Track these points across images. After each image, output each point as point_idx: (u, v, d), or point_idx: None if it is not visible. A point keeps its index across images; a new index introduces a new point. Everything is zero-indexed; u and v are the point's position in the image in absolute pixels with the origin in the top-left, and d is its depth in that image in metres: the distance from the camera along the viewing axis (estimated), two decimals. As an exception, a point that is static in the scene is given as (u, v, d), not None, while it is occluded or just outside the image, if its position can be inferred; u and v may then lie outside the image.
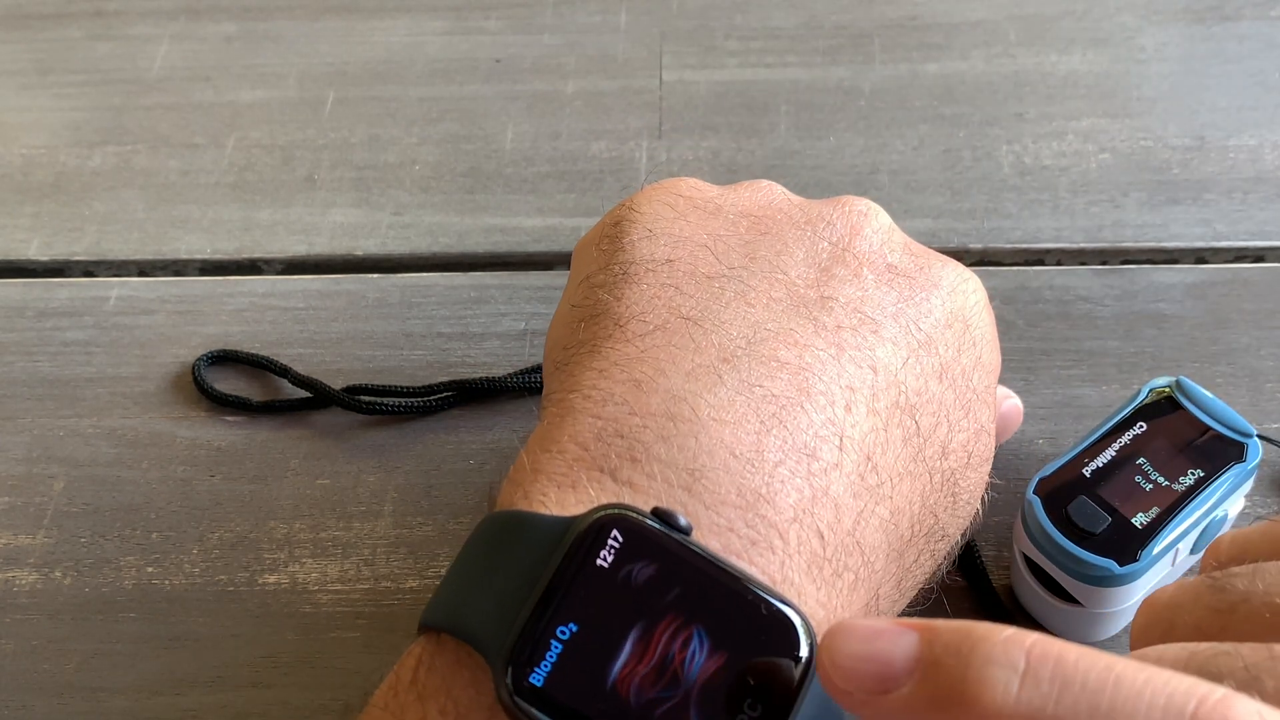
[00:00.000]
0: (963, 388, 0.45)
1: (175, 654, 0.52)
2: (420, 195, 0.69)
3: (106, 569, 0.55)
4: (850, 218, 0.47)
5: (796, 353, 0.41)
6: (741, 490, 0.38)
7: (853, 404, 0.41)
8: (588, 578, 0.35)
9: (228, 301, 0.64)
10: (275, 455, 0.58)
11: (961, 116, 0.72)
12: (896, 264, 0.46)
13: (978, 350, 0.46)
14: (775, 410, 0.40)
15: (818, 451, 0.40)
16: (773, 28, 0.78)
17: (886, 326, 0.43)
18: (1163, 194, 0.67)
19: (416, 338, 0.63)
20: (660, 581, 0.35)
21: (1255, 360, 0.60)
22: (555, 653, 0.34)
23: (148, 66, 0.77)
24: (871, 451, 0.41)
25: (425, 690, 0.36)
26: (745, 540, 0.37)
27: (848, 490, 0.40)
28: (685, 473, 0.38)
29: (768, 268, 0.44)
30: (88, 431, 0.60)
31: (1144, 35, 0.76)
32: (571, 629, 0.34)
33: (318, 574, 0.54)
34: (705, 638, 0.34)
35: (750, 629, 0.34)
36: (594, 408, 0.40)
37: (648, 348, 0.42)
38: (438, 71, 0.76)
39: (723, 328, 0.42)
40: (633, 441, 0.39)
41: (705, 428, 0.39)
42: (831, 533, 0.39)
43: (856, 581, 0.39)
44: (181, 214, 0.69)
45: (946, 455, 0.43)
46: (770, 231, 0.46)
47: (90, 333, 0.63)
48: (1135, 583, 0.47)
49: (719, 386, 0.40)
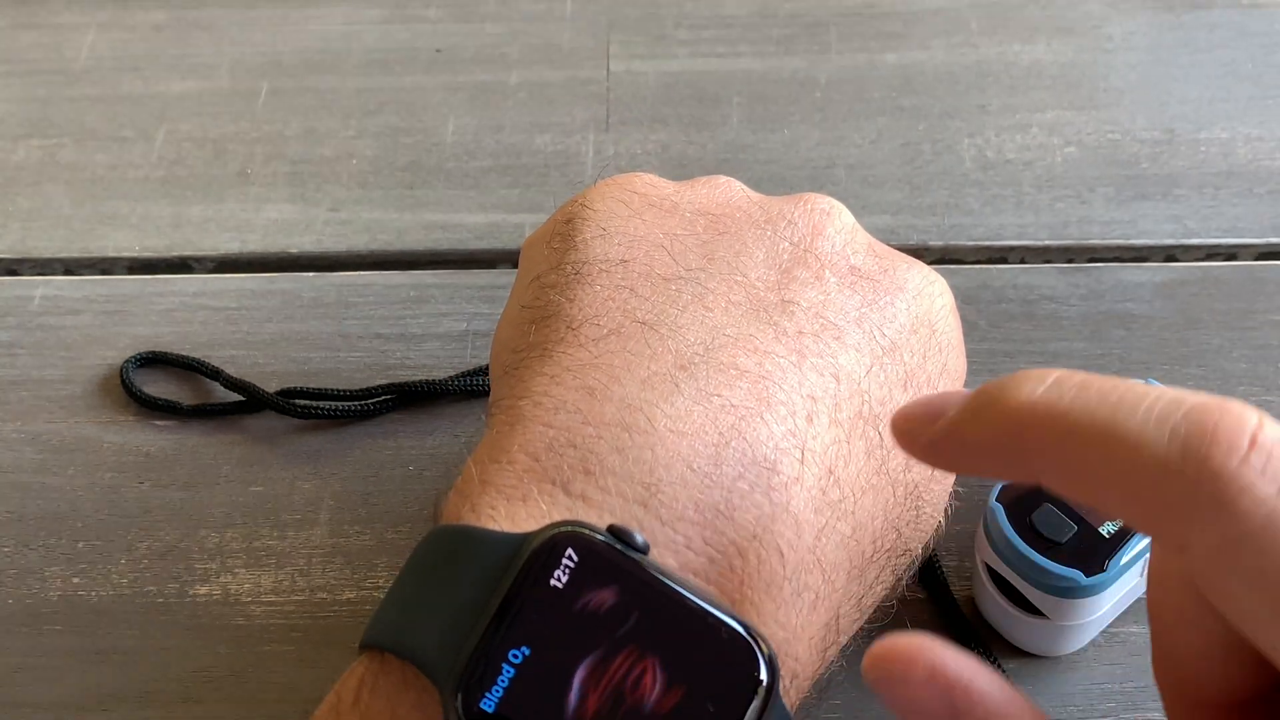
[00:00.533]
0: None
1: (103, 668, 0.51)
2: (358, 190, 0.68)
3: (30, 579, 0.54)
4: (812, 216, 0.46)
5: (756, 360, 0.41)
6: (699, 506, 0.37)
7: (814, 415, 0.40)
8: (541, 599, 0.34)
9: (157, 301, 0.63)
10: (207, 461, 0.57)
11: (921, 108, 0.71)
12: (860, 266, 0.45)
13: (944, 357, 0.45)
14: (734, 421, 0.39)
15: (778, 465, 0.39)
16: (724, 16, 0.77)
17: (850, 332, 0.43)
18: (1131, 189, 0.67)
19: (354, 339, 0.62)
20: (617, 603, 0.34)
21: (1227, 362, 0.59)
22: (507, 677, 0.33)
23: (74, 56, 0.76)
24: (834, 465, 0.40)
25: (369, 712, 0.35)
26: (704, 558, 0.37)
27: (809, 505, 0.39)
28: (641, 486, 0.37)
29: (726, 269, 0.44)
30: (11, 436, 0.58)
31: (1111, 24, 0.76)
32: (525, 652, 0.33)
33: (251, 585, 0.53)
34: (662, 661, 0.34)
35: (709, 652, 0.34)
36: (545, 416, 0.39)
37: (601, 353, 0.41)
38: (376, 62, 0.75)
39: (680, 333, 0.41)
40: (586, 453, 0.38)
41: (662, 439, 0.38)
42: (791, 550, 0.38)
43: (817, 600, 0.39)
44: (109, 210, 0.68)
45: (910, 467, 0.43)
46: (729, 231, 0.46)
47: (14, 334, 0.62)
48: (1102, 594, 0.47)
49: (676, 395, 0.39)
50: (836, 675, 0.43)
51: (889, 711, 0.32)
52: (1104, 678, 0.50)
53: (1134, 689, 0.49)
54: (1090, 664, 0.50)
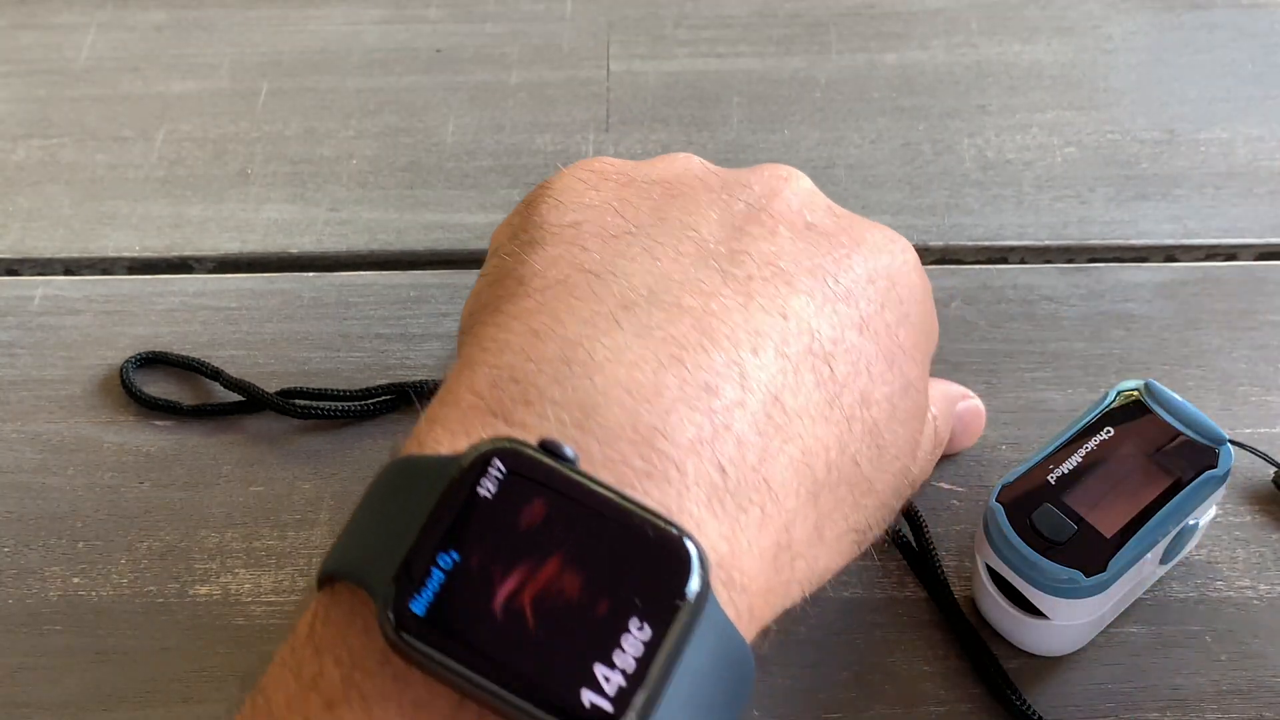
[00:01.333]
0: (886, 341, 0.44)
1: (103, 668, 0.51)
2: (358, 190, 0.68)
3: (31, 579, 0.54)
4: (769, 181, 0.46)
5: (701, 300, 0.41)
6: (636, 425, 0.37)
7: (759, 348, 0.40)
8: (470, 507, 0.34)
9: (157, 301, 0.63)
10: (207, 461, 0.57)
11: (921, 108, 0.71)
12: (816, 223, 0.45)
13: (905, 308, 0.45)
14: (675, 351, 0.39)
15: (719, 389, 0.39)
16: (725, 16, 0.77)
17: (801, 280, 0.43)
18: (1131, 189, 0.67)
19: (354, 339, 0.62)
20: (544, 510, 0.35)
21: (1227, 363, 0.59)
22: (437, 581, 0.33)
23: (74, 56, 0.76)
24: (779, 393, 0.40)
25: (321, 643, 0.35)
26: (639, 473, 0.37)
27: (752, 428, 0.39)
28: (578, 410, 0.38)
29: (678, 226, 0.44)
30: (11, 436, 0.58)
31: (1111, 24, 0.76)
32: (454, 557, 0.34)
33: (251, 585, 0.53)
34: (589, 563, 0.34)
35: (638, 551, 0.34)
36: (490, 358, 0.40)
37: (546, 300, 0.41)
38: (376, 62, 0.75)
39: (625, 279, 0.42)
40: (527, 386, 0.39)
41: (601, 368, 0.39)
42: (734, 467, 0.38)
43: (764, 518, 0.39)
44: (109, 210, 0.68)
45: (869, 405, 0.43)
46: (683, 194, 0.46)
47: (14, 334, 0.62)
48: (1102, 594, 0.47)
49: (617, 331, 0.40)
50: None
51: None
52: (1104, 678, 0.50)
53: (1134, 689, 0.49)
54: (1090, 664, 0.50)
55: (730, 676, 0.36)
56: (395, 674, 0.34)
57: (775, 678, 0.50)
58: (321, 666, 0.35)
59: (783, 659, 0.50)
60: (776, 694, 0.49)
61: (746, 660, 0.37)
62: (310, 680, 0.35)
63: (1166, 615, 0.51)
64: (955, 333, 0.60)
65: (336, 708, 0.34)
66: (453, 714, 0.34)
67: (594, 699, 0.32)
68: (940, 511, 0.54)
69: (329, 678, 0.34)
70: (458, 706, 0.34)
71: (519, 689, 0.32)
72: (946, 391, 0.54)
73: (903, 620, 0.51)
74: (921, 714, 0.49)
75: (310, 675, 0.35)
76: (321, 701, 0.34)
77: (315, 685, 0.35)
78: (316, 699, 0.34)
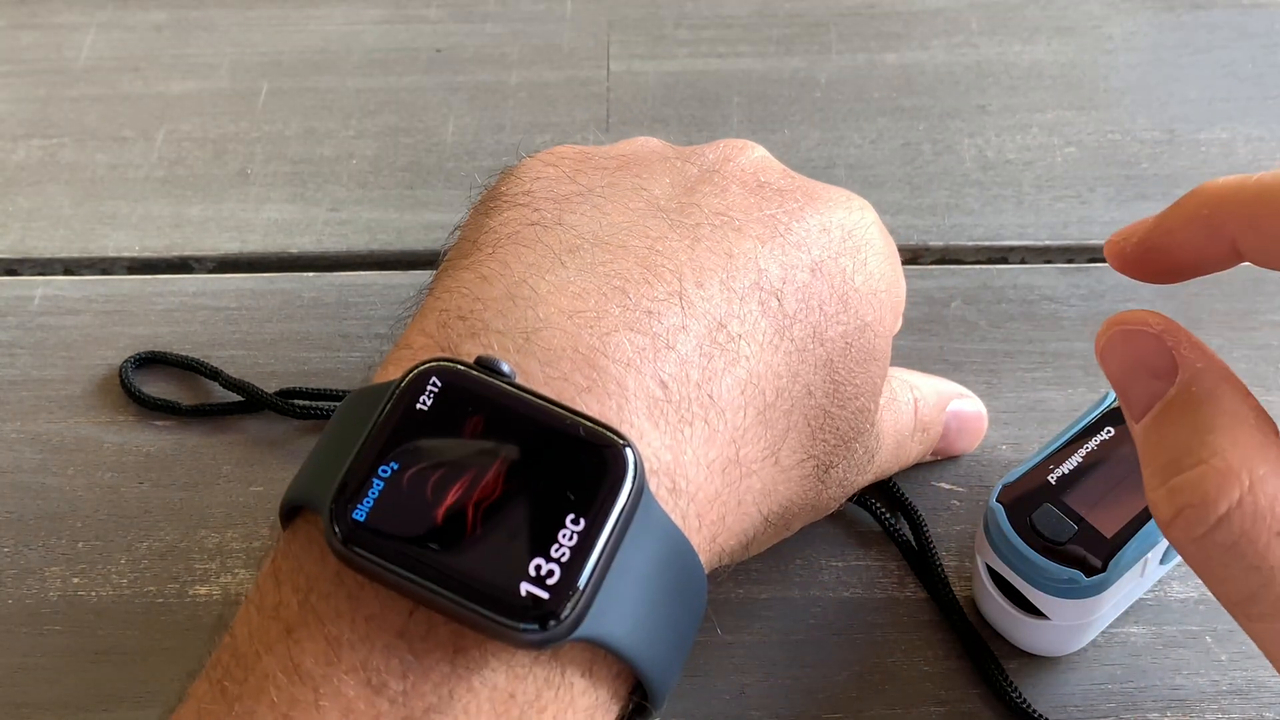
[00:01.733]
0: (839, 283, 0.44)
1: (103, 668, 0.51)
2: (358, 190, 0.68)
3: (30, 579, 0.54)
4: (724, 150, 0.47)
5: (648, 243, 0.42)
6: (578, 346, 0.38)
7: (703, 282, 0.41)
8: (406, 420, 0.36)
9: (157, 301, 0.63)
10: (206, 461, 0.57)
11: (921, 108, 0.71)
12: (770, 182, 0.46)
13: (862, 256, 0.46)
14: (619, 284, 0.40)
15: (661, 315, 0.40)
16: (725, 16, 0.77)
17: (750, 227, 0.44)
18: (1131, 189, 0.67)
19: (353, 339, 0.62)
20: (481, 419, 0.36)
21: (1227, 363, 0.58)
22: (376, 490, 0.35)
23: (74, 56, 0.76)
24: (725, 320, 0.41)
25: (281, 574, 0.36)
26: (579, 388, 0.38)
27: (695, 349, 0.40)
28: (520, 337, 0.39)
29: (630, 187, 0.45)
30: (11, 436, 0.58)
31: (1111, 24, 0.76)
32: (392, 467, 0.35)
33: (251, 585, 0.52)
34: (526, 465, 0.35)
35: (573, 454, 0.35)
36: (440, 303, 0.41)
37: (496, 251, 0.42)
38: (376, 62, 0.75)
39: (572, 229, 0.43)
40: (474, 322, 0.40)
41: (544, 300, 0.40)
42: (676, 383, 0.39)
43: (711, 434, 0.40)
44: (109, 210, 0.68)
45: (821, 341, 0.43)
46: (638, 164, 0.47)
47: (14, 334, 0.62)
48: (1103, 594, 0.47)
49: (560, 269, 0.41)
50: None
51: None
52: (1104, 678, 0.50)
53: (1134, 689, 0.49)
54: (1090, 664, 0.50)
55: (676, 576, 0.37)
56: (349, 593, 0.35)
57: (775, 678, 0.50)
58: (281, 596, 0.36)
59: (783, 659, 0.50)
60: (776, 694, 0.49)
61: (692, 560, 0.38)
62: (271, 610, 0.36)
63: (1166, 615, 0.51)
64: (955, 333, 0.60)
65: (295, 631, 0.35)
66: (405, 624, 0.34)
67: (532, 589, 0.33)
68: (940, 511, 0.54)
69: (287, 605, 0.35)
70: (408, 617, 0.35)
71: (459, 587, 0.33)
72: (939, 387, 0.54)
73: (903, 620, 0.51)
74: (921, 714, 0.49)
75: (271, 605, 0.36)
76: (280, 628, 0.35)
77: (275, 614, 0.35)
78: (276, 626, 0.35)
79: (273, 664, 0.34)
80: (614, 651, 0.35)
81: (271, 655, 0.35)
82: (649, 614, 0.36)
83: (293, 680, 0.34)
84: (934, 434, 0.53)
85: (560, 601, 0.33)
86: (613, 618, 0.35)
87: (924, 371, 0.55)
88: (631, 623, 0.35)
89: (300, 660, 0.34)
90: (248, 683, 0.35)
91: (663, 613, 0.36)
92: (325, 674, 0.34)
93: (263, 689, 0.34)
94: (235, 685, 0.35)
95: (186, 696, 0.36)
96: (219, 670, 0.36)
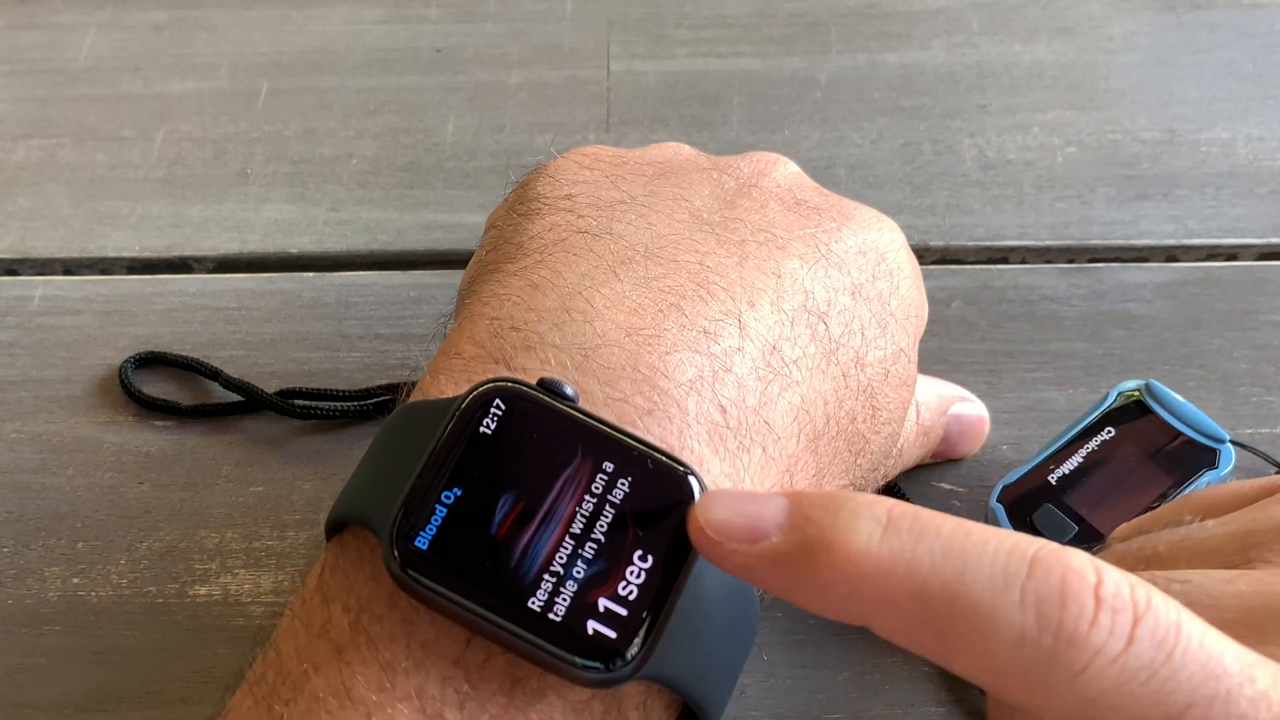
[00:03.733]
0: (878, 307, 0.44)
1: (102, 669, 0.51)
2: (358, 190, 0.68)
3: (30, 580, 0.54)
4: (758, 164, 0.47)
5: (697, 257, 0.42)
6: (637, 365, 0.38)
7: (755, 302, 0.41)
8: (471, 445, 0.35)
9: (157, 301, 0.63)
10: (206, 461, 0.57)
11: (922, 108, 0.71)
12: (805, 199, 0.46)
13: (895, 280, 0.46)
14: (674, 300, 0.40)
15: (718, 335, 0.40)
16: (725, 16, 0.77)
17: (794, 245, 0.43)
18: (1132, 189, 0.67)
19: (354, 339, 0.61)
20: (545, 445, 0.35)
21: (1228, 363, 0.59)
22: (440, 517, 0.34)
23: (74, 56, 0.76)
24: (777, 343, 0.41)
25: (329, 591, 0.36)
26: (640, 411, 0.37)
27: (751, 372, 0.40)
28: (579, 354, 0.38)
29: (671, 197, 0.45)
30: (10, 436, 0.58)
31: (1112, 24, 0.76)
32: (456, 494, 0.34)
33: (251, 585, 0.53)
34: (592, 495, 0.35)
35: (641, 485, 0.35)
36: (491, 311, 0.41)
37: (545, 258, 0.42)
38: (376, 61, 0.75)
39: (621, 238, 0.42)
40: (528, 333, 0.39)
41: (600, 314, 0.39)
42: (735, 408, 0.39)
43: (767, 460, 0.39)
44: (109, 210, 0.68)
45: (863, 366, 0.43)
46: (675, 172, 0.47)
47: (13, 334, 0.62)
48: None
49: (615, 282, 0.40)
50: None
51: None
52: (1105, 678, 0.49)
53: (1135, 690, 0.49)
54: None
55: (733, 609, 0.37)
56: (403, 616, 0.35)
57: (775, 678, 0.50)
58: (330, 614, 0.35)
59: (783, 659, 0.50)
60: (776, 694, 0.49)
61: (748, 593, 0.37)
62: (320, 628, 0.35)
63: (1167, 616, 0.51)
64: (956, 333, 0.60)
65: (345, 653, 0.34)
66: (461, 653, 0.34)
67: (599, 627, 0.33)
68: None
69: (337, 624, 0.35)
70: (465, 645, 0.34)
71: (524, 621, 0.33)
72: (941, 390, 0.54)
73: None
74: (921, 714, 0.49)
75: (319, 623, 0.35)
76: (330, 648, 0.35)
77: (324, 633, 0.35)
78: (325, 646, 0.35)
79: (322, 685, 0.34)
80: (675, 690, 0.35)
81: (320, 676, 0.34)
82: (707, 649, 0.36)
83: (344, 704, 0.34)
84: (934, 438, 0.53)
85: (627, 641, 0.33)
86: (674, 656, 0.34)
87: (925, 373, 0.55)
88: (691, 659, 0.35)
89: (351, 684, 0.34)
90: (296, 703, 0.34)
91: (719, 646, 0.36)
92: (378, 700, 0.33)
93: (312, 711, 0.34)
94: (282, 705, 0.35)
95: (228, 710, 0.36)
96: (264, 687, 0.35)
